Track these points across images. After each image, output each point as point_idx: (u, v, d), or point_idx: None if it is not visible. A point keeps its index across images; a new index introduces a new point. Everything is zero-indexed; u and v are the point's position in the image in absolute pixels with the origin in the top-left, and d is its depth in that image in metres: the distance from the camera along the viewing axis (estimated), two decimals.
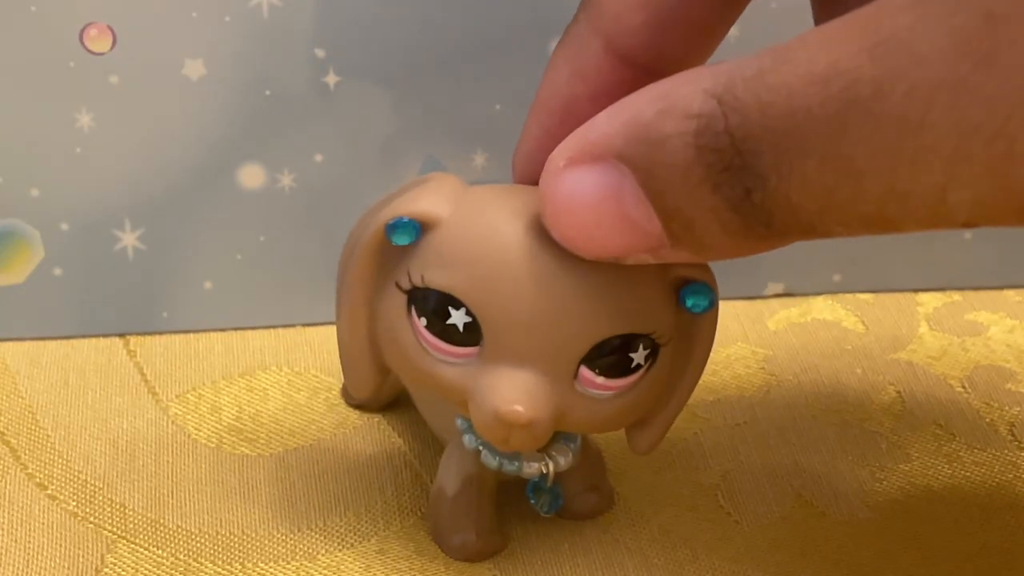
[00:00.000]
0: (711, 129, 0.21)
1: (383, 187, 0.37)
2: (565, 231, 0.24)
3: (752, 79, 0.21)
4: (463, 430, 0.29)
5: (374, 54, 0.36)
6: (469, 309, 0.26)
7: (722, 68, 0.21)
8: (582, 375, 0.26)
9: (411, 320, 0.26)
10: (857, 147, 0.20)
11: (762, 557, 0.31)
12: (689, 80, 0.22)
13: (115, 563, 0.30)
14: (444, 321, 0.26)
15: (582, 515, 0.31)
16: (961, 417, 0.35)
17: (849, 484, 0.33)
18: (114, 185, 0.36)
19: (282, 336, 0.38)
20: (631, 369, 0.26)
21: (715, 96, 0.21)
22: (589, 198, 0.23)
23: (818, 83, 0.20)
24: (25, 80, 0.34)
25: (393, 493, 0.32)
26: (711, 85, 0.21)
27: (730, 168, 0.21)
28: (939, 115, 0.19)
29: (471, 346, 0.26)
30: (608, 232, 0.23)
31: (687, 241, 0.23)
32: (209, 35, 0.35)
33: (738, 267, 0.39)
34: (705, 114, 0.21)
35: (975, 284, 0.40)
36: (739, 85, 0.21)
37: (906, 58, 0.19)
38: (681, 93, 0.21)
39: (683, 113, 0.21)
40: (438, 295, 0.26)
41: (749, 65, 0.21)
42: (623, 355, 0.26)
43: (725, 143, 0.21)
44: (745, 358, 0.37)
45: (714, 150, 0.21)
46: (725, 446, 0.34)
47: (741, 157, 0.21)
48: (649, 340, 0.26)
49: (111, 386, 0.36)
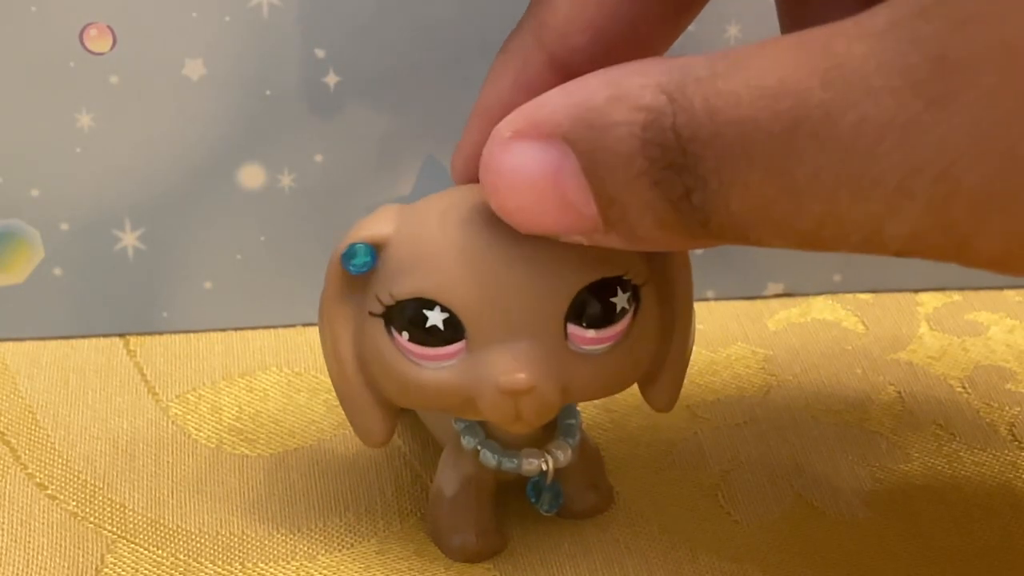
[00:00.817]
0: (658, 124, 0.21)
1: (383, 187, 0.37)
2: (502, 203, 0.24)
3: (704, 81, 0.21)
4: (461, 431, 0.29)
5: (374, 54, 0.36)
6: (443, 305, 0.26)
7: (677, 63, 0.21)
8: (571, 333, 0.26)
9: (393, 340, 0.27)
10: (801, 166, 0.20)
11: (762, 557, 0.31)
12: (643, 71, 0.22)
13: (115, 563, 0.30)
14: (423, 325, 0.26)
15: (582, 514, 0.31)
16: (961, 417, 0.35)
17: (849, 484, 0.33)
18: (114, 185, 0.36)
19: (282, 336, 0.38)
20: (617, 315, 0.26)
21: (666, 92, 0.21)
22: (529, 174, 0.23)
23: (768, 97, 0.20)
24: (25, 80, 0.34)
25: (393, 493, 0.32)
26: (664, 80, 0.21)
27: (673, 166, 0.21)
28: (886, 149, 0.19)
29: (457, 341, 0.26)
30: (545, 210, 0.23)
31: (621, 229, 0.23)
32: (209, 35, 0.35)
33: (738, 267, 0.39)
34: (654, 108, 0.21)
35: (975, 284, 0.40)
36: (691, 85, 0.21)
37: (858, 89, 0.19)
38: (633, 83, 0.22)
39: (633, 104, 0.21)
40: (410, 303, 0.26)
41: (703, 65, 0.21)
42: (605, 302, 0.26)
43: (670, 140, 0.21)
44: (745, 358, 0.37)
45: (659, 145, 0.21)
46: (725, 446, 0.34)
47: (684, 157, 0.21)
48: (626, 282, 0.27)
49: (111, 386, 0.36)
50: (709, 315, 0.39)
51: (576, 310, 0.26)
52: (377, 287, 0.27)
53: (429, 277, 0.26)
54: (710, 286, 0.39)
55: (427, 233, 0.26)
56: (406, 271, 0.26)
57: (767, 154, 0.20)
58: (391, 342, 0.27)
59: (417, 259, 0.26)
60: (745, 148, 0.20)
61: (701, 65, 0.21)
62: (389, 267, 0.26)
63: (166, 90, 0.35)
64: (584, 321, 0.26)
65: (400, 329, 0.26)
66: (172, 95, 0.35)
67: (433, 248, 0.26)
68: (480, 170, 0.24)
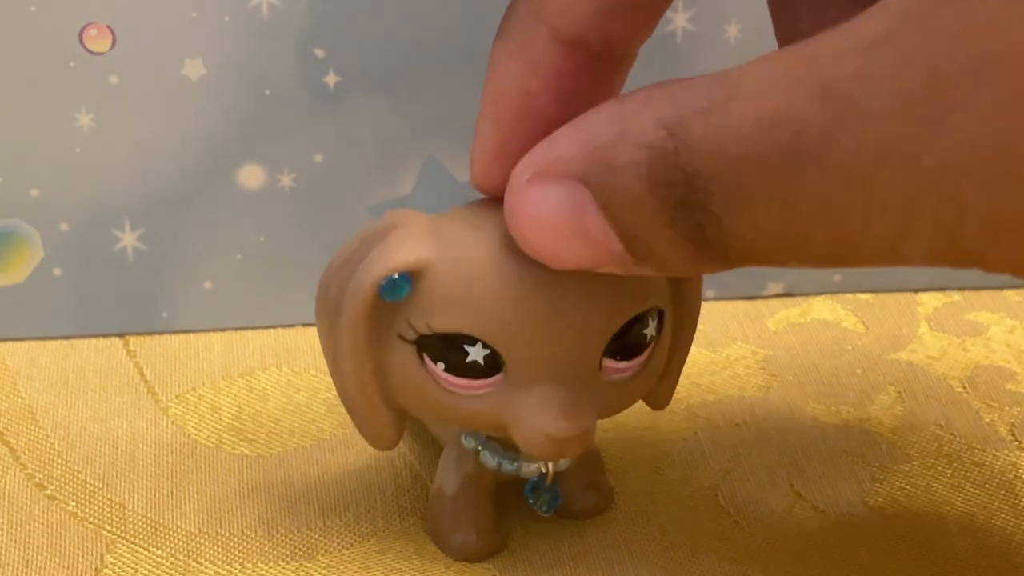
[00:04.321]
0: (663, 162, 0.21)
1: (383, 187, 0.37)
2: (532, 246, 0.24)
3: (702, 114, 0.21)
4: (463, 431, 0.29)
5: (374, 54, 0.36)
6: (486, 342, 0.26)
7: (676, 93, 0.21)
8: (605, 366, 0.26)
9: (426, 367, 0.26)
10: (806, 195, 0.20)
11: (762, 557, 0.30)
12: (643, 104, 0.22)
13: (115, 563, 0.30)
14: (464, 360, 0.26)
15: (581, 514, 0.31)
16: (961, 417, 0.35)
17: (849, 484, 0.33)
18: (114, 185, 0.36)
19: (282, 336, 0.38)
20: (647, 343, 0.27)
21: (667, 127, 0.21)
22: (552, 216, 0.23)
23: (766, 128, 0.20)
24: (25, 80, 0.34)
25: (393, 493, 0.32)
26: (664, 114, 0.21)
27: (684, 203, 0.21)
28: (888, 174, 0.19)
29: (495, 375, 0.26)
30: (574, 248, 0.23)
31: (649, 261, 0.23)
32: (209, 35, 0.35)
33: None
34: (656, 145, 0.21)
35: (975, 284, 0.40)
36: (689, 119, 0.21)
37: (853, 111, 0.19)
38: (635, 119, 0.21)
39: (636, 142, 0.21)
40: (449, 337, 0.26)
41: (700, 95, 0.21)
42: (638, 334, 0.26)
43: (677, 178, 0.21)
44: (745, 358, 0.37)
45: (667, 184, 0.21)
46: (725, 446, 0.34)
47: (694, 193, 0.21)
48: (655, 310, 0.27)
49: (111, 386, 0.36)
50: (709, 315, 0.39)
51: (612, 346, 0.26)
52: (411, 313, 0.26)
53: (473, 314, 0.25)
54: (710, 286, 0.39)
55: (470, 268, 0.25)
56: (447, 304, 0.25)
57: (771, 185, 0.20)
58: (422, 368, 0.26)
59: (460, 295, 0.25)
60: (749, 182, 0.20)
61: (697, 94, 0.21)
62: (427, 297, 0.26)
63: (166, 90, 0.35)
64: (618, 355, 0.26)
65: (435, 359, 0.26)
66: (172, 95, 0.35)
67: (478, 286, 0.25)
68: (505, 215, 0.24)
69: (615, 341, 0.26)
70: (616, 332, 0.26)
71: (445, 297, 0.26)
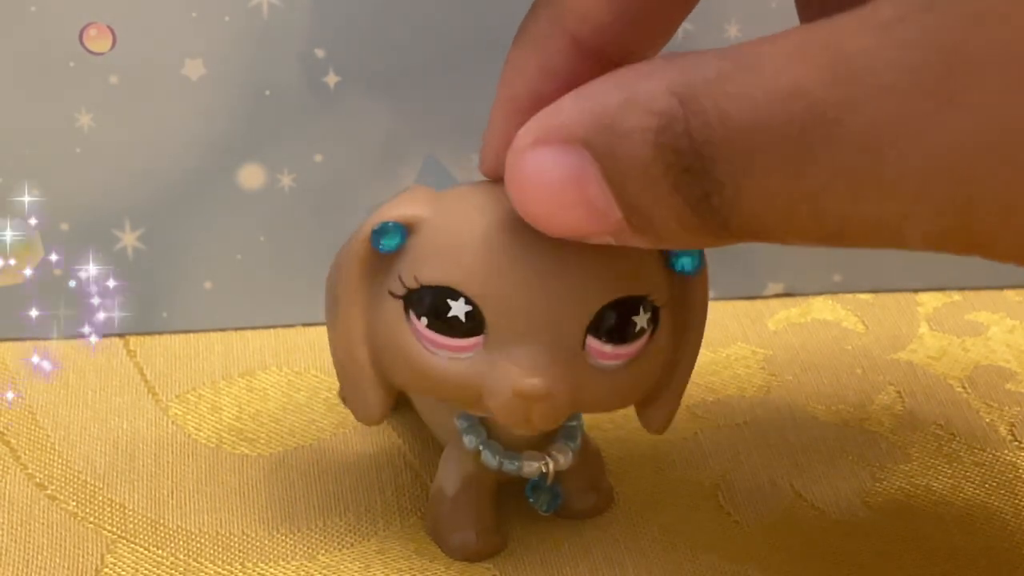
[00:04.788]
0: (672, 129, 0.21)
1: (383, 187, 0.37)
2: (529, 210, 0.24)
3: (713, 82, 0.21)
4: (463, 430, 0.29)
5: (374, 54, 0.36)
6: (468, 298, 0.26)
7: (686, 63, 0.21)
8: (590, 346, 0.26)
9: (411, 324, 0.26)
10: (817, 169, 0.20)
11: (762, 557, 0.30)
12: (652, 73, 0.22)
13: (115, 563, 0.30)
14: (445, 315, 0.26)
15: (581, 514, 0.31)
16: (961, 417, 0.35)
17: (849, 484, 0.33)
18: (114, 185, 0.36)
19: (282, 336, 0.38)
20: (636, 334, 0.27)
21: (677, 95, 0.21)
22: (552, 180, 0.23)
23: (781, 99, 0.20)
24: (25, 80, 0.34)
25: (393, 493, 0.32)
26: (675, 82, 0.21)
27: (690, 170, 0.21)
28: (901, 152, 0.19)
29: (476, 335, 0.26)
30: (570, 214, 0.23)
31: (646, 231, 0.23)
32: (209, 35, 0.35)
33: (738, 267, 0.39)
34: (666, 112, 0.21)
35: (975, 284, 0.40)
36: (700, 87, 0.21)
37: (868, 87, 0.19)
38: (644, 87, 0.21)
39: (645, 108, 0.21)
40: (435, 291, 0.26)
41: (710, 65, 0.21)
42: (626, 319, 0.26)
43: (685, 144, 0.21)
44: (745, 358, 0.37)
45: (674, 150, 0.21)
46: (725, 446, 0.34)
47: (701, 161, 0.21)
48: (648, 303, 0.27)
49: (111, 386, 0.36)
50: (709, 315, 0.39)
51: (597, 323, 0.26)
52: (402, 268, 0.26)
53: (458, 268, 0.26)
54: (710, 286, 0.39)
55: (462, 224, 0.26)
56: (435, 257, 0.26)
57: (782, 157, 0.20)
58: (408, 326, 0.26)
59: (448, 248, 0.26)
60: (759, 151, 0.20)
61: (707, 64, 0.21)
62: (418, 250, 0.26)
63: (166, 90, 0.35)
64: (603, 335, 0.26)
65: (420, 315, 0.26)
66: (172, 95, 0.35)
67: (466, 240, 0.26)
68: (505, 178, 0.24)
69: (602, 320, 0.26)
70: (601, 308, 0.26)
71: (433, 249, 0.26)
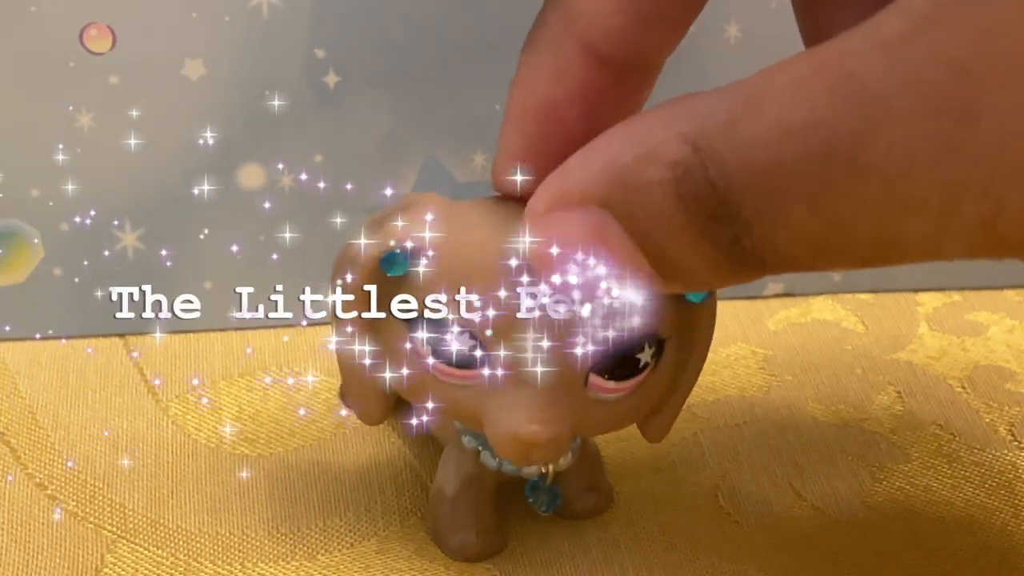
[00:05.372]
0: (691, 178, 0.21)
1: (383, 187, 0.37)
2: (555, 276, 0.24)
3: (725, 127, 0.20)
4: (463, 430, 0.29)
5: (374, 54, 0.36)
6: (472, 332, 0.26)
7: (693, 108, 0.21)
8: (592, 382, 0.26)
9: (415, 347, 0.26)
10: (844, 198, 0.20)
11: (762, 557, 0.30)
12: (662, 122, 0.21)
13: (115, 563, 0.30)
14: (447, 346, 0.26)
15: (581, 514, 0.31)
16: (961, 417, 0.35)
17: (849, 484, 0.33)
18: (114, 185, 0.36)
19: (282, 336, 0.38)
20: (639, 369, 0.26)
21: (690, 142, 0.21)
22: (575, 242, 0.23)
23: (795, 135, 0.20)
24: (25, 80, 0.34)
25: (393, 493, 0.32)
26: (686, 129, 0.21)
27: (715, 217, 0.21)
28: (924, 172, 0.19)
29: (479, 368, 0.26)
30: None
31: (676, 277, 0.23)
32: (209, 35, 0.35)
33: None
34: (682, 162, 0.21)
35: (975, 284, 0.40)
36: (713, 132, 0.21)
37: (883, 111, 0.19)
38: (657, 138, 0.21)
39: (661, 160, 0.21)
40: (438, 321, 0.26)
41: (719, 108, 0.21)
42: (630, 358, 0.26)
43: (707, 192, 0.21)
44: (745, 358, 0.37)
45: (696, 198, 0.21)
46: (725, 446, 0.34)
47: (726, 207, 0.21)
48: (654, 338, 0.26)
49: (111, 386, 0.36)
50: None
51: (601, 365, 0.26)
52: (408, 290, 0.26)
53: (464, 302, 0.25)
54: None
55: (473, 256, 0.25)
56: (441, 287, 0.26)
57: (806, 192, 0.20)
58: (411, 346, 0.26)
59: (456, 279, 0.25)
60: (783, 191, 0.20)
61: (716, 108, 0.21)
62: (424, 276, 0.26)
63: (166, 90, 0.35)
64: (607, 374, 0.26)
65: (424, 341, 0.26)
66: (172, 95, 0.35)
67: (476, 274, 0.25)
68: (528, 249, 0.24)
69: (605, 360, 0.26)
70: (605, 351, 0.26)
71: (440, 279, 0.26)
